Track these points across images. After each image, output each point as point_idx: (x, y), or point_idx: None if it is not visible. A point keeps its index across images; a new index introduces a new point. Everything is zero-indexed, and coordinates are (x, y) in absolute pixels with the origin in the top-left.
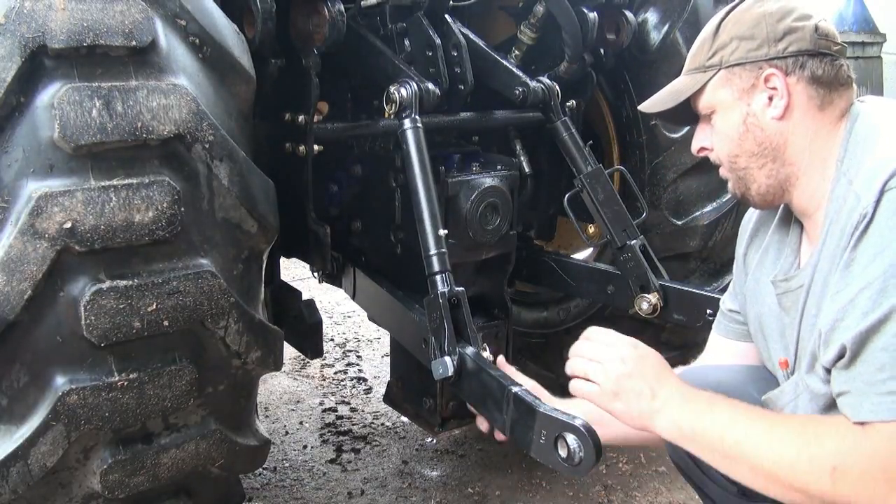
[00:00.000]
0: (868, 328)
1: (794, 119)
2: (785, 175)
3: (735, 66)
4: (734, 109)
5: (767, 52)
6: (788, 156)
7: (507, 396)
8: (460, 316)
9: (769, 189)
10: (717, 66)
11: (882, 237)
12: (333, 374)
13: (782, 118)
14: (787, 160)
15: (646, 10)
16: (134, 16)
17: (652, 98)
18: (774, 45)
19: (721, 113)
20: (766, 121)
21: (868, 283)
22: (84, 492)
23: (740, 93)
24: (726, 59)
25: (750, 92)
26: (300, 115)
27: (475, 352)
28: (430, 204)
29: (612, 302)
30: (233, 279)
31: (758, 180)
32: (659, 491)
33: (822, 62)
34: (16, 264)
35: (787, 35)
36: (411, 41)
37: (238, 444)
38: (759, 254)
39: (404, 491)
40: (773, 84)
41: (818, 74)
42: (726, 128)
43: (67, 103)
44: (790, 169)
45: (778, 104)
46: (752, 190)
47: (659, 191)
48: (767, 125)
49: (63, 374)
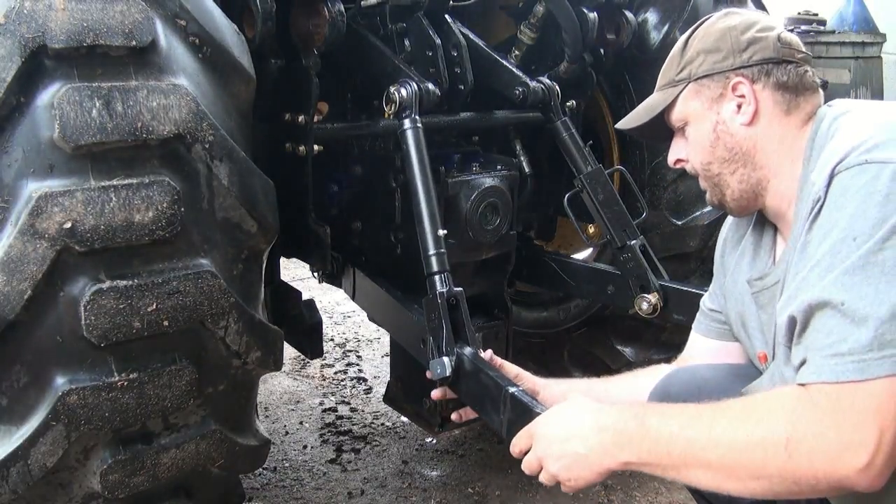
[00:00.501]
0: (815, 299)
1: (762, 124)
2: (756, 179)
3: (703, 78)
4: (705, 119)
5: (733, 63)
6: (758, 160)
7: (504, 397)
8: (458, 316)
9: (742, 194)
10: (687, 79)
11: (830, 216)
12: (333, 374)
13: (751, 124)
14: (758, 164)
15: (646, 10)
16: (134, 16)
17: (628, 116)
18: (739, 55)
19: (693, 124)
20: (736, 127)
21: (818, 260)
22: (84, 492)
23: (710, 102)
24: (694, 72)
25: (719, 101)
26: (300, 115)
27: (473, 352)
28: (430, 204)
29: (612, 302)
30: (233, 279)
31: (731, 185)
32: (659, 491)
33: (786, 69)
34: (16, 264)
35: (752, 45)
36: (411, 41)
37: (238, 444)
38: (735, 256)
39: (404, 491)
40: (740, 92)
41: (783, 80)
42: (698, 137)
43: (67, 103)
44: (761, 172)
45: (746, 110)
46: (727, 196)
47: (659, 191)
48: (737, 131)
49: (63, 374)
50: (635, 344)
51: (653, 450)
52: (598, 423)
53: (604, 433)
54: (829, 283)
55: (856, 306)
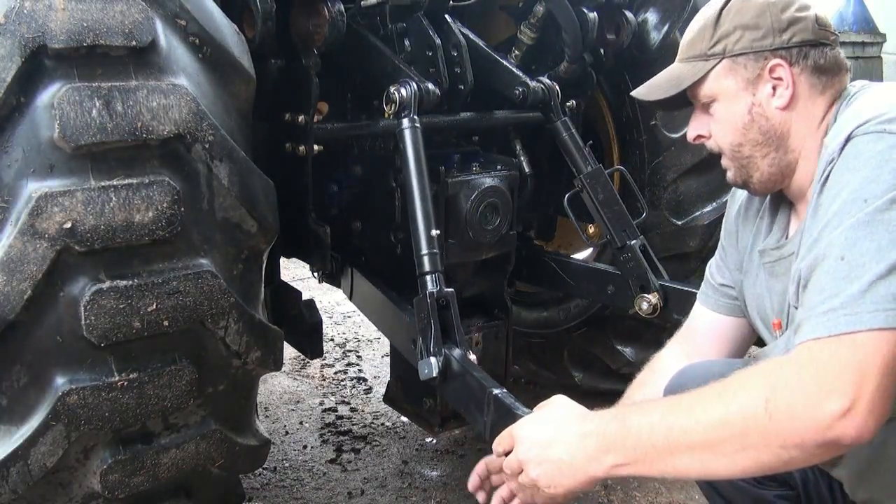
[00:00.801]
0: (818, 255)
1: (798, 108)
2: (787, 161)
3: (740, 56)
4: (739, 99)
5: (773, 42)
6: (791, 143)
7: (488, 399)
8: (448, 317)
9: (771, 177)
10: (721, 54)
11: (842, 178)
12: (333, 374)
13: (787, 108)
14: (790, 147)
15: (646, 10)
16: (134, 16)
17: (646, 85)
18: (779, 35)
19: (724, 102)
20: (772, 111)
21: (827, 220)
22: (84, 492)
23: (745, 83)
24: (730, 49)
25: (755, 82)
26: (300, 115)
27: (462, 353)
28: (425, 204)
29: (613, 302)
30: (233, 279)
31: (761, 168)
32: (659, 491)
33: (823, 52)
34: (16, 264)
35: (792, 25)
36: (411, 41)
37: (238, 444)
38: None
39: (404, 491)
40: (778, 74)
41: (820, 64)
42: (729, 117)
43: (67, 103)
44: (792, 156)
45: (783, 94)
46: (755, 178)
47: (659, 191)
48: (773, 115)
49: (63, 374)
50: (635, 344)
51: (637, 446)
52: (581, 429)
53: (587, 439)
54: (833, 238)
55: (855, 262)
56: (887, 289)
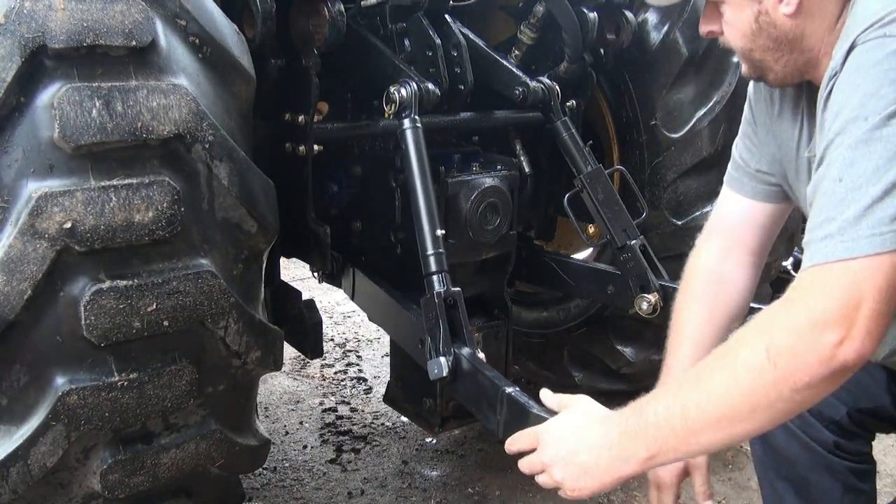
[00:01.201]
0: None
1: (807, 11)
2: (804, 60)
3: None
4: (744, 6)
5: None
6: (806, 44)
7: (501, 397)
8: (456, 316)
9: (787, 76)
10: None
11: (844, 94)
12: (333, 374)
13: (795, 14)
14: (805, 48)
15: (646, 10)
16: (134, 16)
17: None
18: None
19: (731, 6)
20: (780, 18)
21: (829, 140)
22: (84, 492)
23: None
24: None
25: None
26: (300, 115)
27: (471, 352)
28: (428, 204)
29: (613, 302)
30: (233, 279)
31: (775, 70)
32: None
33: None
34: (16, 264)
35: None
36: (411, 41)
37: (238, 444)
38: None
39: (404, 491)
40: None
41: None
42: (738, 23)
43: (67, 103)
44: (810, 54)
45: (790, 1)
46: (769, 77)
47: (659, 191)
48: (781, 22)
49: (63, 374)
50: (635, 344)
51: (658, 434)
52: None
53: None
54: (833, 158)
55: (852, 183)
56: (884, 211)
